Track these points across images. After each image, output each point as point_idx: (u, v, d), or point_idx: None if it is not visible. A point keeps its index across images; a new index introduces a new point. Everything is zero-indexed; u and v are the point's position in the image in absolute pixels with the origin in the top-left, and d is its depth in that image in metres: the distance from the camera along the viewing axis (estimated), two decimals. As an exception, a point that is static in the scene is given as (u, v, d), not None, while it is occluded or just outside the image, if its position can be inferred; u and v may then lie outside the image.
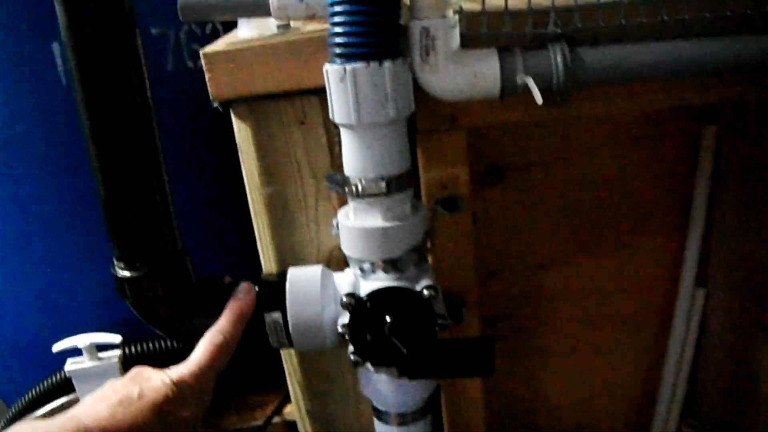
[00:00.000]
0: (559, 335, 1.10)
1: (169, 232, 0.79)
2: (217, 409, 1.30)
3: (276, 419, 1.25)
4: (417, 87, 0.74)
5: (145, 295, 0.79)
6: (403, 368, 0.74)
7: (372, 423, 0.92)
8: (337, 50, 0.69)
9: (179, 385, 0.71)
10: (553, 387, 1.16)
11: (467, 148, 0.82)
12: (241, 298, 0.78)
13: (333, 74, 0.69)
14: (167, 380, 0.71)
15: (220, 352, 0.75)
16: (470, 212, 0.85)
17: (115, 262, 0.79)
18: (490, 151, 0.95)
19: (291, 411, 1.25)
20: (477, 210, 0.97)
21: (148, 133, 0.76)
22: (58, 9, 0.70)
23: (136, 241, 0.78)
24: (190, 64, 1.15)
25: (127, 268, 0.79)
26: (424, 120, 0.80)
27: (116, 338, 1.12)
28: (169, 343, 1.16)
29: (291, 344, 0.80)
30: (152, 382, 0.71)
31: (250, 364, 1.16)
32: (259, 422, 1.25)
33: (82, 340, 1.12)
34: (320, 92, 0.78)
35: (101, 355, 1.13)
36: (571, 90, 0.74)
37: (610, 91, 0.81)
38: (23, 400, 1.22)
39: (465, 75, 0.73)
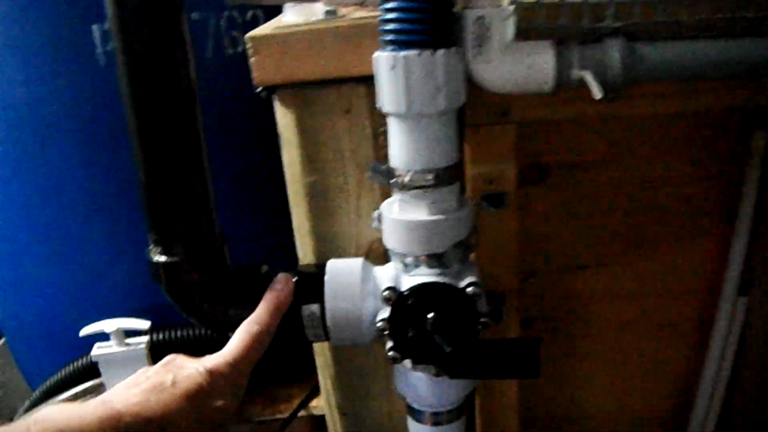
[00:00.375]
0: (596, 339, 1.08)
1: (207, 219, 0.78)
2: (242, 400, 1.28)
3: (302, 412, 1.23)
4: (468, 78, 0.72)
5: (181, 281, 0.78)
6: (445, 367, 0.72)
7: (403, 421, 0.90)
8: (390, 37, 0.67)
9: (213, 375, 0.69)
10: (586, 393, 1.14)
11: (513, 144, 0.80)
12: (279, 288, 0.77)
13: (384, 62, 0.67)
14: (201, 369, 0.69)
15: (256, 343, 0.74)
16: (516, 209, 0.83)
17: (151, 247, 0.78)
18: (534, 149, 0.92)
19: (317, 405, 1.24)
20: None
21: (192, 118, 0.74)
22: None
23: (173, 225, 0.76)
24: (229, 51, 1.14)
25: (163, 253, 0.77)
26: (473, 113, 0.78)
27: (145, 324, 1.11)
28: (197, 331, 1.14)
29: (327, 338, 0.78)
30: (186, 370, 0.69)
31: (279, 357, 1.14)
32: (285, 415, 1.23)
33: (110, 325, 1.11)
34: (367, 81, 0.77)
35: (129, 340, 1.12)
36: (626, 86, 0.72)
37: (662, 90, 0.79)
38: (47, 384, 1.21)
39: (519, 67, 0.71)
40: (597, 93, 0.68)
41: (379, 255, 0.85)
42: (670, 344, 1.09)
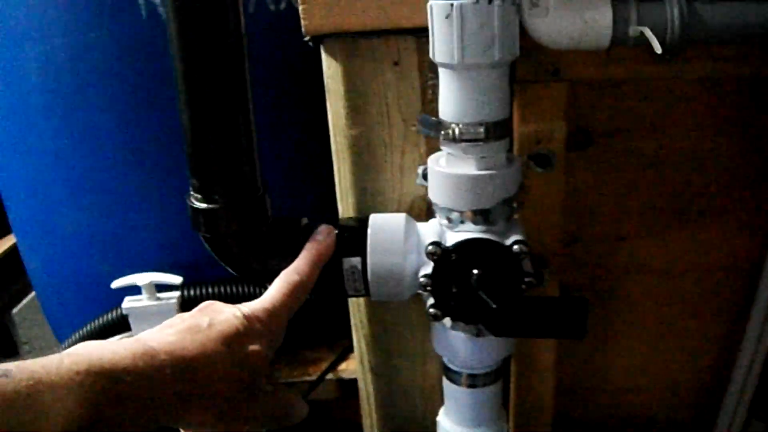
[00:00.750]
0: (630, 312, 1.06)
1: (250, 168, 0.77)
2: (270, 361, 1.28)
3: (329, 375, 1.23)
4: (522, 32, 0.70)
5: (220, 229, 0.77)
6: (489, 324, 0.71)
7: (436, 383, 0.90)
8: (445, -15, 0.65)
9: (250, 320, 0.68)
10: (619, 366, 1.13)
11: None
12: (321, 240, 0.76)
13: (438, 10, 0.66)
14: (238, 313, 0.69)
15: (295, 292, 0.73)
16: (563, 171, 0.81)
17: (192, 194, 0.77)
18: (580, 113, 0.90)
19: (346, 368, 1.23)
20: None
21: (240, 65, 0.73)
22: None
23: (216, 173, 0.75)
24: (272, 7, 1.12)
25: (204, 200, 0.76)
26: (524, 69, 0.77)
27: (177, 279, 1.10)
28: (229, 288, 1.14)
29: (367, 293, 0.77)
30: (223, 314, 0.69)
31: (313, 314, 1.14)
32: (313, 377, 1.22)
33: (142, 278, 1.10)
34: (416, 33, 0.76)
35: (160, 295, 1.12)
36: (684, 46, 0.70)
37: (719, 53, 0.77)
38: (76, 335, 1.21)
39: (575, 21, 0.70)
40: (657, 47, 0.66)
41: (421, 212, 0.84)
42: (707, 322, 1.07)
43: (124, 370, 0.57)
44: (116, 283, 1.10)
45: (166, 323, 0.68)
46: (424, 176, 0.78)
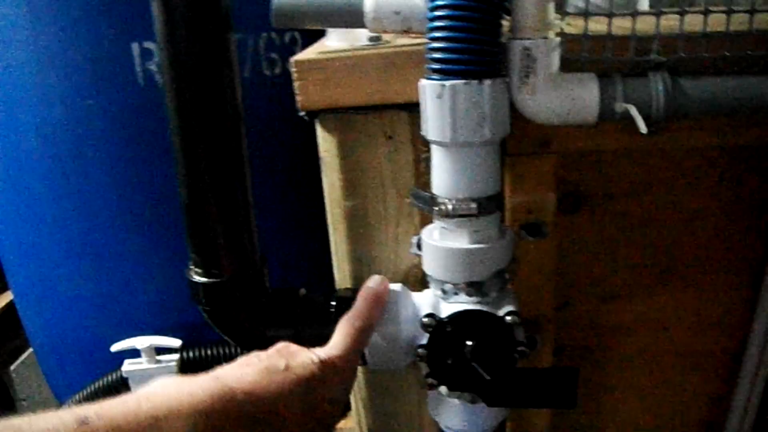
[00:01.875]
0: (626, 370, 1.07)
1: (249, 241, 0.79)
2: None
3: (328, 434, 1.23)
4: (512, 108, 0.72)
5: (221, 302, 0.79)
6: (483, 395, 0.72)
7: (434, 446, 0.90)
8: (436, 66, 0.68)
9: (326, 365, 0.68)
10: (615, 423, 1.13)
11: (550, 174, 0.81)
12: (376, 284, 0.76)
13: (430, 90, 0.68)
14: (315, 358, 0.68)
15: (361, 336, 0.73)
16: (554, 239, 0.83)
17: (192, 268, 0.79)
18: (570, 178, 0.92)
19: (344, 426, 1.24)
20: (552, 237, 0.95)
21: (237, 139, 0.75)
22: (155, 8, 0.69)
23: (215, 247, 0.77)
24: (267, 72, 1.15)
25: (204, 274, 0.78)
26: (514, 143, 0.79)
27: (176, 342, 1.11)
28: (228, 350, 1.15)
29: (365, 362, 0.78)
30: (299, 357, 0.68)
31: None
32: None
33: (141, 341, 1.11)
34: (409, 107, 0.78)
35: (160, 358, 1.13)
36: (668, 120, 0.72)
37: (702, 124, 0.79)
38: (77, 398, 1.22)
39: (563, 99, 0.72)
40: (642, 127, 0.68)
41: (416, 281, 0.85)
42: (701, 377, 1.08)
43: (203, 413, 0.58)
44: (116, 347, 1.11)
45: (243, 361, 0.67)
46: (419, 246, 0.79)
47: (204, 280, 0.77)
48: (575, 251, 0.96)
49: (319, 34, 0.90)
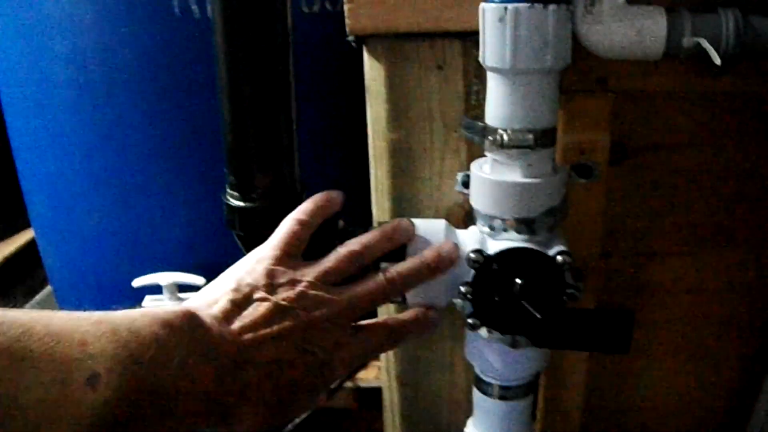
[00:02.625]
0: (662, 331, 1.05)
1: (290, 168, 0.76)
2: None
3: (347, 383, 1.21)
4: (573, 41, 0.69)
5: (257, 227, 0.76)
6: (533, 335, 0.70)
7: (463, 394, 0.88)
8: (498, -12, 0.64)
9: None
10: (645, 388, 1.11)
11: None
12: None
13: (491, 13, 0.65)
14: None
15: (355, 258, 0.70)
16: (605, 182, 0.80)
17: (229, 191, 0.76)
18: (615, 127, 0.89)
19: (364, 377, 1.22)
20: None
21: (284, 63, 0.73)
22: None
23: (256, 171, 0.74)
24: (305, 9, 1.12)
25: (241, 198, 0.75)
26: (571, 79, 0.76)
27: (200, 280, 1.09)
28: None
29: (404, 300, 0.76)
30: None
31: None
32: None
33: (164, 278, 1.09)
34: (462, 37, 0.75)
35: (182, 295, 1.10)
36: (738, 60, 0.69)
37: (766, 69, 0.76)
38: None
39: (629, 31, 0.69)
40: (716, 58, 0.65)
41: (458, 220, 0.82)
42: (739, 342, 1.06)
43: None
44: (137, 282, 1.09)
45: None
46: (464, 184, 0.77)
47: (241, 204, 0.74)
48: (616, 204, 0.93)
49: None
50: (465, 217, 0.81)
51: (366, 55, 0.79)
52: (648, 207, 0.95)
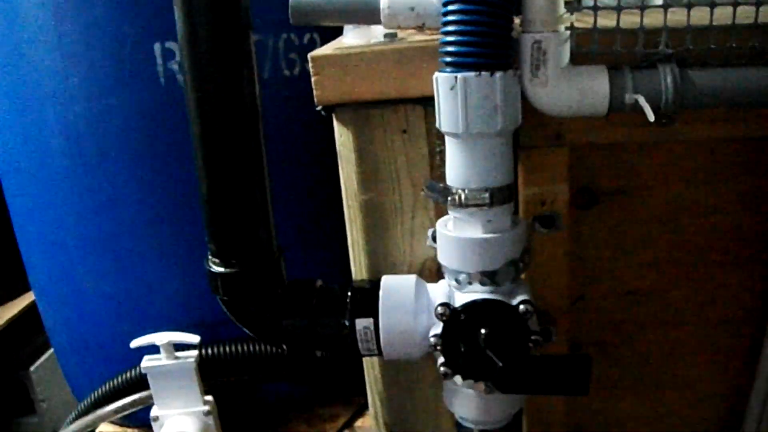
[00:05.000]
0: (644, 366, 1.08)
1: (266, 232, 0.80)
2: (287, 418, 1.30)
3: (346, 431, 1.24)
4: (523, 101, 0.73)
5: (238, 292, 0.80)
6: (496, 382, 0.73)
7: (450, 439, 0.91)
8: (449, 59, 0.69)
9: None
10: (627, 420, 1.14)
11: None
12: None
13: (443, 82, 0.69)
14: None
15: None
16: (567, 231, 0.84)
17: (210, 258, 0.80)
18: (584, 174, 0.93)
19: (361, 425, 1.25)
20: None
21: (255, 133, 0.77)
22: (176, 8, 0.71)
23: (233, 237, 0.79)
24: (286, 72, 1.16)
25: (222, 264, 0.79)
26: (527, 135, 0.80)
27: (195, 338, 1.12)
28: (246, 347, 1.16)
29: (380, 352, 0.79)
30: None
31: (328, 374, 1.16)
32: (329, 434, 1.24)
33: (160, 338, 1.12)
34: (424, 102, 0.79)
35: (178, 354, 1.13)
36: (678, 111, 0.73)
37: (713, 116, 0.80)
38: (96, 394, 1.23)
39: (574, 91, 0.73)
40: (650, 116, 0.69)
41: (432, 274, 0.86)
42: (717, 374, 1.08)
43: None
44: (135, 343, 1.12)
45: None
46: (434, 238, 0.81)
47: (222, 270, 0.78)
48: (591, 247, 0.97)
49: (337, 35, 0.91)
50: (438, 270, 0.85)
51: (335, 123, 0.83)
52: (621, 247, 0.99)
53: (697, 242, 0.97)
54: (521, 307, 0.73)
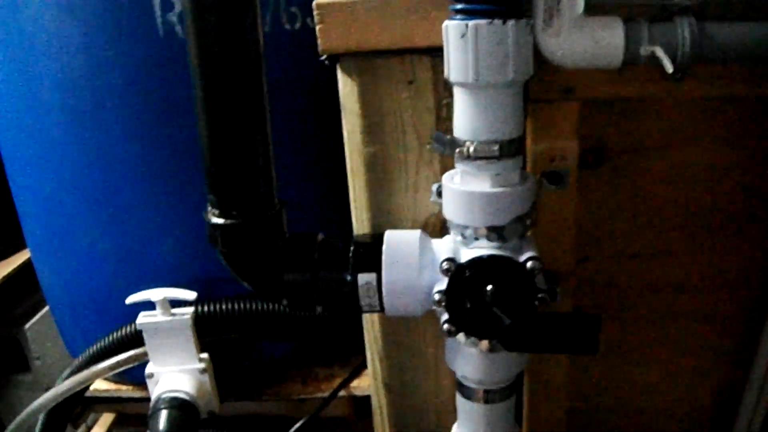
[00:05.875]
0: (644, 330, 1.07)
1: (267, 185, 0.78)
2: (283, 377, 1.29)
3: (342, 392, 1.23)
4: (536, 52, 0.71)
5: (238, 244, 0.78)
6: (503, 339, 0.72)
7: (449, 399, 0.90)
8: (460, 6, 0.67)
9: None
10: (628, 386, 1.13)
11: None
12: None
13: (454, 30, 0.67)
14: None
15: None
16: (575, 189, 0.82)
17: (210, 209, 0.78)
18: (593, 133, 0.91)
19: (358, 385, 1.24)
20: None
21: (258, 84, 0.75)
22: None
23: (234, 189, 0.77)
24: (287, 26, 1.14)
25: (221, 215, 0.77)
26: (537, 89, 0.78)
27: (191, 295, 1.11)
28: (241, 305, 1.14)
29: (382, 308, 0.78)
30: None
31: (327, 330, 1.15)
32: (325, 394, 1.23)
33: (156, 294, 1.11)
34: (432, 52, 0.77)
35: (174, 311, 1.12)
36: (694, 64, 0.71)
37: (728, 72, 0.78)
38: (92, 350, 1.22)
39: (587, 42, 0.71)
40: (668, 67, 0.67)
41: (435, 230, 0.85)
42: (720, 338, 1.07)
43: None
44: (131, 299, 1.11)
45: None
46: (438, 194, 0.79)
47: (222, 221, 0.76)
48: (596, 207, 0.95)
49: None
50: (441, 227, 0.83)
51: (339, 73, 0.81)
52: (626, 209, 0.97)
53: (703, 205, 0.95)
54: (529, 263, 0.72)
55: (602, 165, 0.93)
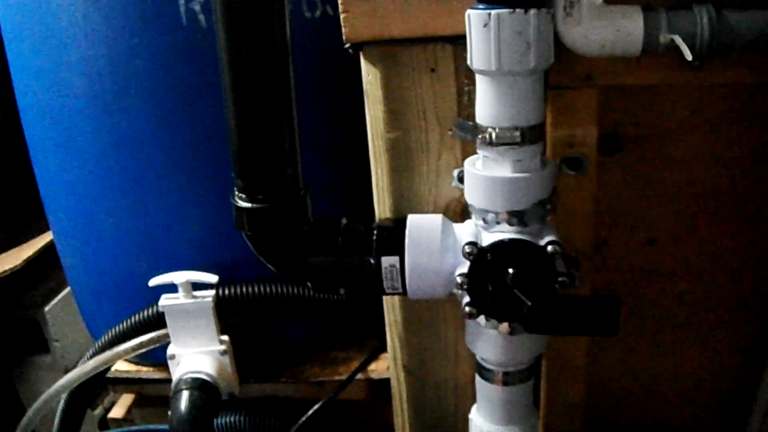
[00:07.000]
0: (662, 315, 1.08)
1: (293, 170, 0.80)
2: (301, 361, 1.31)
3: (359, 376, 1.25)
4: (556, 40, 0.73)
5: (264, 227, 0.80)
6: (525, 321, 0.73)
7: (470, 382, 0.92)
8: (483, -5, 0.68)
9: None
10: (645, 373, 1.14)
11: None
12: None
13: (476, 19, 0.69)
14: None
15: None
16: (595, 174, 0.83)
17: (237, 194, 0.80)
18: (610, 119, 0.93)
19: (375, 368, 1.26)
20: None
21: (285, 71, 0.77)
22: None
23: (261, 174, 0.79)
24: (307, 14, 1.15)
25: (248, 199, 0.79)
26: (557, 76, 0.79)
27: (213, 278, 1.13)
28: (263, 288, 1.16)
29: (404, 291, 0.80)
30: None
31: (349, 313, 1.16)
32: (342, 377, 1.25)
33: (179, 276, 1.13)
34: (454, 40, 0.78)
35: (196, 293, 1.14)
36: (712, 53, 0.72)
37: (750, 60, 0.79)
38: (114, 332, 1.24)
39: (607, 30, 0.72)
40: (688, 54, 0.69)
41: (456, 215, 0.86)
42: (737, 324, 1.08)
43: None
44: (153, 281, 1.13)
45: None
46: (460, 179, 0.81)
47: (248, 205, 0.78)
48: (614, 193, 0.96)
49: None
50: (462, 212, 0.85)
51: (363, 61, 0.83)
52: (643, 195, 0.98)
53: (722, 191, 0.96)
54: (549, 247, 0.73)
55: (618, 151, 0.94)
